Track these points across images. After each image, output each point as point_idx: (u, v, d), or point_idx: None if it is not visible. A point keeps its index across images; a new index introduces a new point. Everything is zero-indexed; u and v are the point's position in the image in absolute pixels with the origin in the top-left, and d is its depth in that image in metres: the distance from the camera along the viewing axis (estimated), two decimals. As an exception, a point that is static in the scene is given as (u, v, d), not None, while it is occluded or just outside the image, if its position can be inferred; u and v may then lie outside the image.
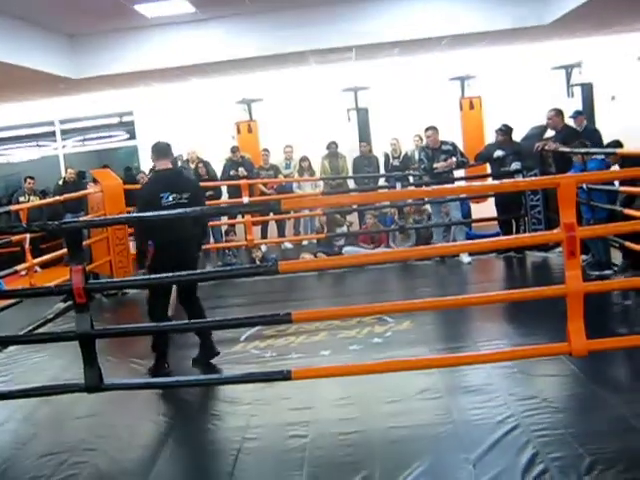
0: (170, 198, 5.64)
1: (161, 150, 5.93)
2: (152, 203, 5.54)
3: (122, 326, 5.48)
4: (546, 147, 8.45)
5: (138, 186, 11.06)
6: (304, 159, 12.50)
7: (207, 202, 9.60)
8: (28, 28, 9.48)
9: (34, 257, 8.32)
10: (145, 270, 5.90)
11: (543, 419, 4.10)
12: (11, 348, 6.70)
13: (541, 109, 9.29)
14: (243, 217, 10.35)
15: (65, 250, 9.83)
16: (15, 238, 8.03)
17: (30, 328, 7.17)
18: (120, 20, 9.91)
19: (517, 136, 9.57)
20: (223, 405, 4.90)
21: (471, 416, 4.25)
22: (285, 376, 4.01)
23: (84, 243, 6.68)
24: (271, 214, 11.53)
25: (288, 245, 12.05)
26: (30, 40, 9.56)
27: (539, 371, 4.85)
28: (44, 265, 9.73)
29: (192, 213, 4.87)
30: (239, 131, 13.76)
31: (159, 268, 5.31)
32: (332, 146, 12.60)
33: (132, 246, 9.58)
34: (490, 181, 9.79)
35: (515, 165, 9.04)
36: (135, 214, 6.42)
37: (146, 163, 13.13)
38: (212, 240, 11.41)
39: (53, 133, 15.23)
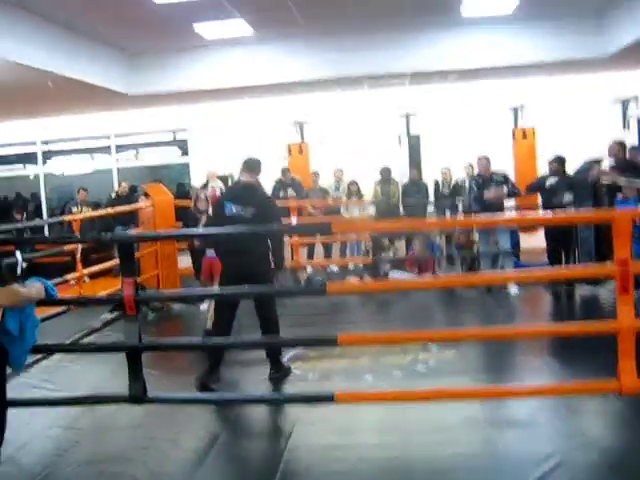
0: (233, 209, 5.72)
1: (248, 164, 6.02)
2: (218, 212, 5.74)
3: (170, 340, 5.53)
4: (603, 176, 8.30)
5: (189, 202, 11.25)
6: (353, 183, 12.52)
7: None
8: (90, 44, 9.73)
9: (84, 267, 8.46)
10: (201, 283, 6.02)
11: (588, 458, 4.01)
12: (56, 355, 6.81)
13: (596, 141, 9.18)
14: (290, 238, 10.39)
15: (113, 262, 10.09)
16: (67, 248, 8.17)
17: (77, 337, 7.26)
18: (179, 40, 10.10)
19: (570, 169, 9.44)
20: (265, 424, 4.90)
21: (514, 450, 4.18)
22: (329, 398, 4.00)
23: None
24: (318, 236, 11.56)
25: (334, 268, 12.05)
26: (92, 56, 9.80)
27: (586, 408, 4.74)
28: (92, 275, 9.87)
29: (245, 232, 4.92)
30: (290, 152, 13.85)
31: (224, 281, 5.41)
32: (385, 172, 12.60)
33: (181, 261, 9.73)
34: (541, 212, 9.67)
35: (567, 197, 8.91)
36: (189, 230, 6.56)
37: (197, 179, 13.29)
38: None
39: (108, 147, 15.53)
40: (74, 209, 12.62)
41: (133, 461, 4.38)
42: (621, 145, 8.66)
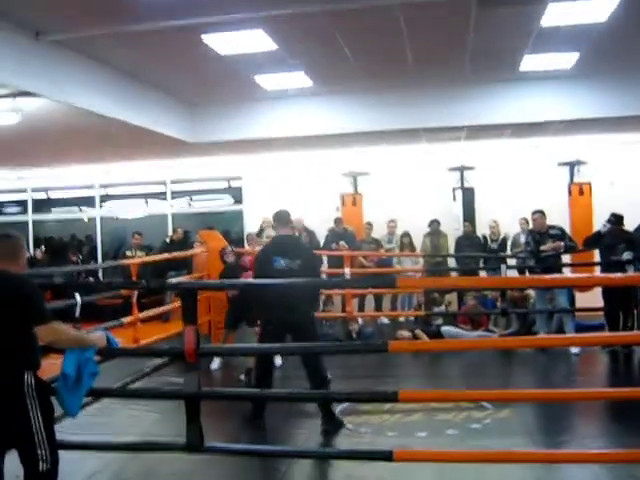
0: (282, 262, 5.93)
1: (282, 217, 6.30)
2: (265, 266, 5.89)
3: (229, 389, 5.53)
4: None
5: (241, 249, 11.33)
6: (405, 235, 12.54)
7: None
8: (154, 92, 9.96)
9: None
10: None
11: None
12: (106, 400, 6.84)
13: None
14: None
15: (166, 307, 10.18)
16: (124, 291, 8.31)
17: (127, 381, 7.30)
18: (240, 91, 10.28)
19: (629, 225, 9.30)
20: (318, 478, 4.83)
21: (577, 517, 4.05)
22: (387, 456, 3.93)
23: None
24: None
25: (384, 320, 11.97)
26: (155, 104, 10.03)
27: (649, 476, 4.58)
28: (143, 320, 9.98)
29: (310, 284, 4.94)
30: (344, 203, 13.93)
31: (270, 328, 5.59)
32: (434, 224, 12.61)
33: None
34: (598, 269, 9.52)
35: (627, 255, 8.75)
36: (251, 279, 6.63)
37: (251, 227, 13.41)
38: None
39: (163, 193, 15.80)
40: (128, 253, 12.82)
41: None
42: None
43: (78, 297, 6.70)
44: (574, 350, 8.74)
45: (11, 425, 3.43)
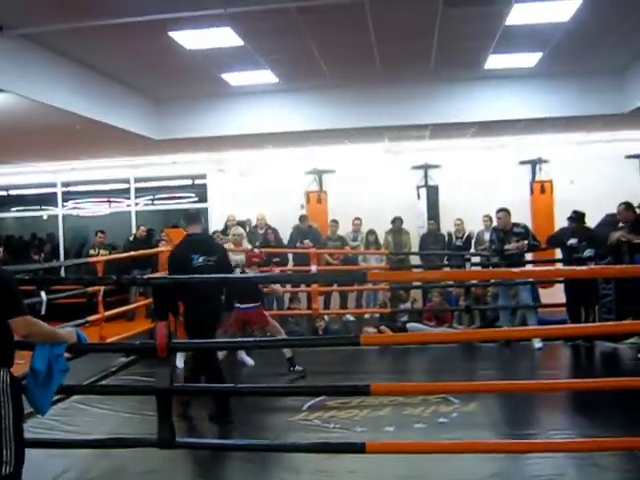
0: (200, 260, 6.14)
1: (193, 217, 6.59)
2: (184, 263, 6.06)
3: (201, 385, 5.52)
4: (622, 238, 8.34)
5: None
6: (371, 232, 12.60)
7: (275, 268, 9.80)
8: (119, 88, 9.90)
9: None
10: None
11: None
12: (73, 398, 6.77)
13: (614, 196, 9.23)
14: (309, 286, 10.40)
15: (131, 305, 10.10)
16: (90, 289, 8.21)
17: (94, 379, 7.24)
18: (205, 87, 10.26)
19: (589, 221, 9.46)
20: (286, 474, 4.82)
21: (543, 507, 4.12)
22: (359, 449, 3.96)
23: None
24: (335, 285, 11.58)
25: (350, 317, 12.02)
26: (120, 100, 9.97)
27: (612, 465, 4.65)
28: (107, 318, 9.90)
29: (295, 279, 4.96)
30: (309, 200, 13.96)
31: (194, 328, 5.94)
32: (396, 222, 12.68)
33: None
34: (561, 266, 9.67)
35: (588, 252, 8.90)
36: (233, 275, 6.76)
37: (216, 225, 13.37)
38: (275, 307, 11.48)
39: (127, 190, 15.66)
40: (91, 251, 12.68)
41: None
42: (628, 207, 8.75)
43: (44, 295, 6.63)
44: (537, 344, 8.88)
45: None
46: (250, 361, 8.43)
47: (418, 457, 4.65)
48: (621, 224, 8.91)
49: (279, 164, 14.29)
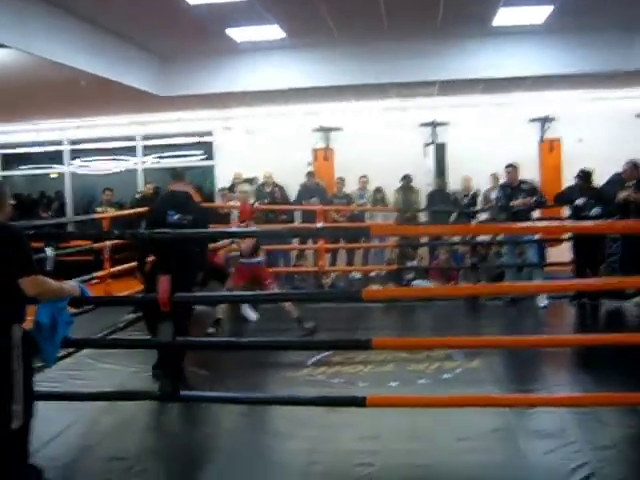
0: (175, 217, 6.08)
1: (176, 174, 6.68)
2: (159, 219, 6.00)
3: (203, 339, 5.56)
4: (629, 197, 8.29)
5: (213, 204, 11.34)
6: (379, 190, 12.55)
7: (282, 225, 9.82)
8: (123, 45, 9.82)
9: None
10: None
11: (619, 470, 3.99)
12: (82, 353, 6.85)
13: (622, 155, 9.13)
14: (316, 243, 10.41)
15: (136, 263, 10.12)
16: (96, 246, 8.24)
17: (101, 335, 7.31)
18: (210, 43, 10.15)
19: (598, 180, 9.38)
20: (289, 426, 4.87)
21: (544, 460, 4.15)
22: (360, 402, 3.99)
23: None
24: (342, 242, 11.59)
25: (356, 275, 12.04)
26: (125, 57, 9.90)
27: (615, 420, 4.68)
28: (114, 275, 9.94)
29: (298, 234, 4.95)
30: (316, 158, 13.90)
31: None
32: (406, 179, 12.62)
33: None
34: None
35: (595, 211, 8.85)
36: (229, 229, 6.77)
37: (222, 183, 13.35)
38: (282, 264, 11.52)
39: (133, 148, 15.61)
40: (98, 209, 12.69)
41: (160, 458, 4.41)
42: (635, 165, 8.67)
43: (49, 251, 6.65)
44: (542, 303, 8.89)
45: None
46: (253, 316, 8.47)
47: (421, 412, 4.69)
48: (627, 183, 8.85)
49: (286, 122, 14.18)
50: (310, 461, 4.26)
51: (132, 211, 10.36)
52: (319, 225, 10.08)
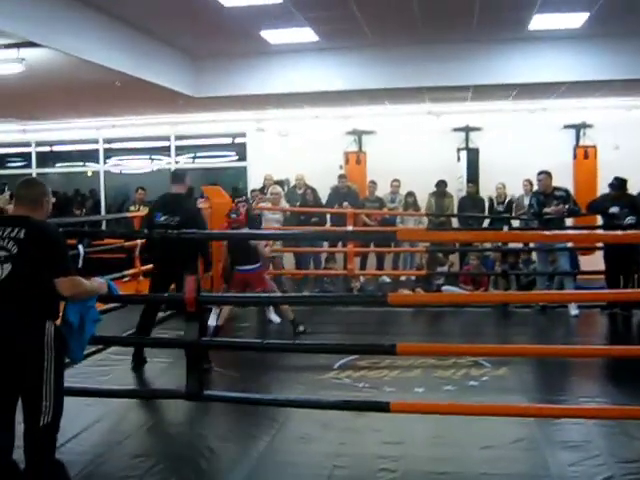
0: (162, 218, 6.32)
1: (175, 176, 6.86)
2: (148, 220, 6.44)
3: (229, 339, 5.59)
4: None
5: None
6: (410, 194, 12.50)
7: (310, 227, 9.84)
8: (159, 46, 9.93)
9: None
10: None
11: (645, 485, 3.93)
12: (111, 349, 6.93)
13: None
14: (345, 246, 10.40)
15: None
16: (127, 244, 8.32)
17: (131, 332, 7.37)
18: (244, 44, 10.20)
19: (633, 188, 9.25)
20: (314, 429, 4.88)
21: (569, 472, 4.09)
22: (383, 407, 3.98)
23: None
24: (372, 246, 11.56)
25: (386, 279, 12.01)
26: (159, 57, 10.00)
27: (644, 434, 4.63)
28: (145, 274, 10.02)
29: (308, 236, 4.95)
30: (347, 161, 13.90)
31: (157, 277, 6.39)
32: (441, 185, 12.56)
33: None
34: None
35: (630, 220, 8.72)
36: (253, 231, 6.86)
37: (255, 184, 13.41)
38: (312, 266, 11.53)
39: (167, 148, 15.74)
40: (132, 208, 12.82)
41: (184, 458, 4.43)
42: None
43: (81, 248, 6.73)
44: (573, 312, 8.78)
45: (24, 374, 3.39)
46: (277, 318, 8.49)
47: (446, 419, 4.66)
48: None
49: (318, 124, 14.21)
50: (334, 465, 4.26)
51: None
52: (349, 228, 10.07)
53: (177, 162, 15.70)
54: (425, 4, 8.31)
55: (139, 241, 8.32)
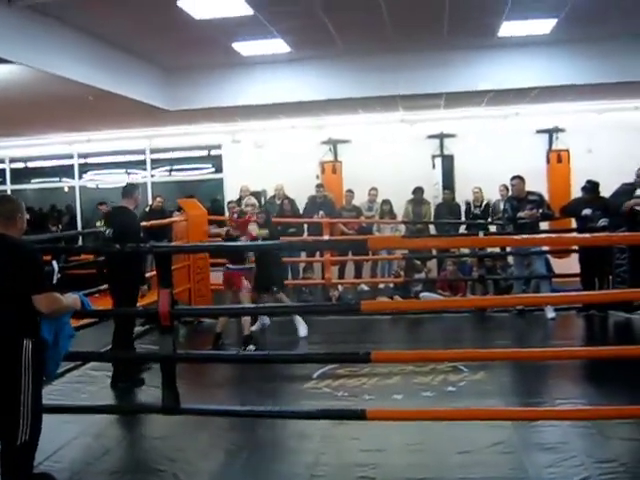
0: (107, 232, 6.72)
1: (123, 190, 7.12)
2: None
3: (204, 352, 5.58)
4: (636, 206, 8.24)
5: (223, 217, 11.43)
6: (386, 202, 12.55)
7: (287, 237, 9.87)
8: (131, 59, 9.91)
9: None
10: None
11: (620, 484, 3.96)
12: (88, 365, 6.89)
13: (631, 166, 9.10)
14: (322, 256, 10.42)
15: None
16: (102, 259, 8.25)
17: (108, 348, 7.33)
18: (216, 57, 10.21)
19: (606, 191, 9.35)
20: (293, 439, 4.90)
21: (546, 474, 4.14)
22: (359, 415, 3.99)
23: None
24: (350, 254, 11.58)
25: (364, 287, 12.03)
26: (132, 71, 9.98)
27: (618, 434, 4.66)
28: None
29: (281, 246, 4.96)
30: (324, 171, 13.92)
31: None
32: (418, 192, 12.61)
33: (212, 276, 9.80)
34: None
35: (602, 222, 8.81)
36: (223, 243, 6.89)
37: (231, 195, 13.40)
38: (290, 276, 11.53)
39: (143, 161, 15.69)
40: (98, 223, 12.76)
41: (162, 472, 4.41)
42: None
43: (55, 264, 6.67)
44: (550, 314, 8.85)
45: (1, 393, 3.38)
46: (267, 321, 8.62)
47: (424, 425, 4.69)
48: (638, 191, 8.79)
49: (294, 134, 14.24)
50: (312, 475, 4.26)
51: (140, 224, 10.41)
52: (325, 238, 10.09)
53: (153, 175, 15.65)
54: (395, 13, 8.36)
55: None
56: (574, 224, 9.82)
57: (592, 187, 9.28)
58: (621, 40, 10.06)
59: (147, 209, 13.08)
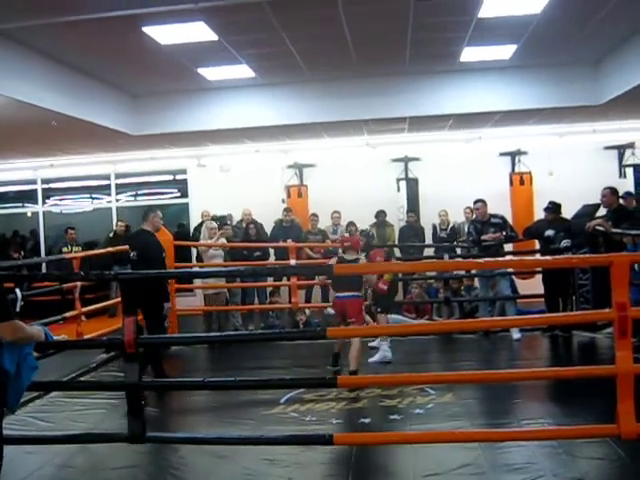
0: (131, 254, 7.09)
1: (144, 214, 7.55)
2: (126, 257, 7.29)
3: (171, 379, 5.52)
4: (598, 227, 8.37)
5: (189, 243, 11.41)
6: (351, 224, 12.58)
7: (255, 262, 9.86)
8: (95, 84, 9.88)
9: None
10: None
11: (588, 503, 4.00)
12: (53, 394, 6.78)
13: (592, 187, 9.27)
14: (289, 280, 10.41)
15: (110, 302, 10.08)
16: (66, 286, 8.19)
17: (73, 376, 7.25)
18: (182, 82, 10.24)
19: (568, 213, 9.50)
20: (261, 465, 4.84)
21: (513, 495, 4.15)
22: (327, 440, 3.99)
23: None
24: (317, 278, 11.58)
25: (331, 311, 12.00)
26: (96, 96, 9.94)
27: (584, 453, 4.70)
28: (88, 315, 9.85)
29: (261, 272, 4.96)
30: (289, 195, 13.95)
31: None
32: (380, 215, 12.70)
33: (179, 302, 9.74)
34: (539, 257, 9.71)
35: (565, 243, 8.94)
36: (191, 270, 6.91)
37: (197, 220, 13.37)
38: (256, 301, 11.49)
39: (108, 186, 15.60)
40: (64, 249, 12.66)
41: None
42: (614, 192, 8.76)
43: (18, 292, 6.58)
44: (516, 335, 8.93)
45: None
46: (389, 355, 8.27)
47: (391, 448, 4.69)
48: (601, 212, 8.93)
49: (259, 158, 14.29)
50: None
51: (104, 250, 10.36)
52: (292, 262, 10.09)
53: (118, 200, 15.55)
54: (358, 39, 8.47)
55: (79, 283, 8.19)
56: (537, 245, 9.94)
57: (554, 208, 9.41)
58: (578, 65, 10.35)
59: (111, 234, 13.02)
